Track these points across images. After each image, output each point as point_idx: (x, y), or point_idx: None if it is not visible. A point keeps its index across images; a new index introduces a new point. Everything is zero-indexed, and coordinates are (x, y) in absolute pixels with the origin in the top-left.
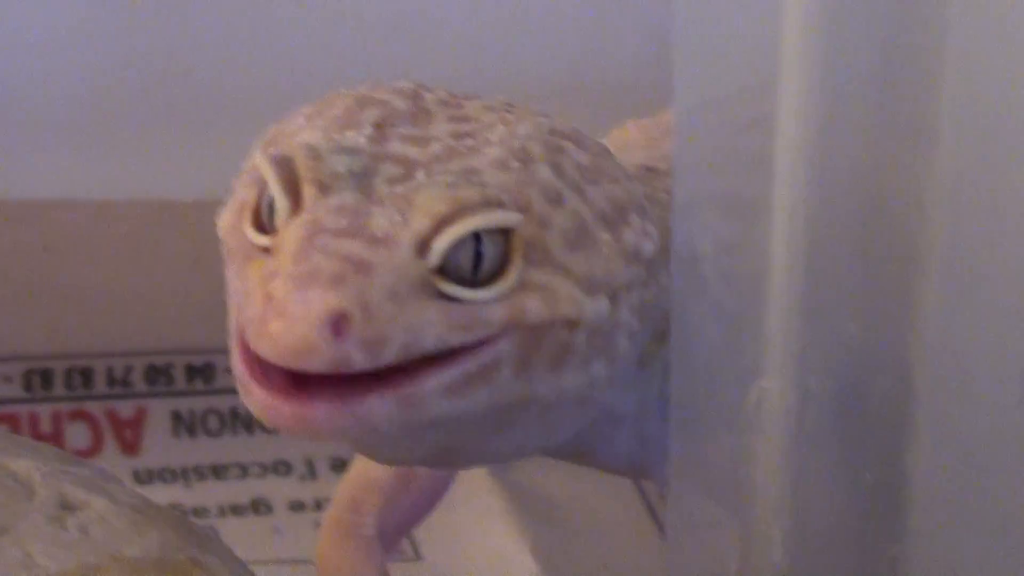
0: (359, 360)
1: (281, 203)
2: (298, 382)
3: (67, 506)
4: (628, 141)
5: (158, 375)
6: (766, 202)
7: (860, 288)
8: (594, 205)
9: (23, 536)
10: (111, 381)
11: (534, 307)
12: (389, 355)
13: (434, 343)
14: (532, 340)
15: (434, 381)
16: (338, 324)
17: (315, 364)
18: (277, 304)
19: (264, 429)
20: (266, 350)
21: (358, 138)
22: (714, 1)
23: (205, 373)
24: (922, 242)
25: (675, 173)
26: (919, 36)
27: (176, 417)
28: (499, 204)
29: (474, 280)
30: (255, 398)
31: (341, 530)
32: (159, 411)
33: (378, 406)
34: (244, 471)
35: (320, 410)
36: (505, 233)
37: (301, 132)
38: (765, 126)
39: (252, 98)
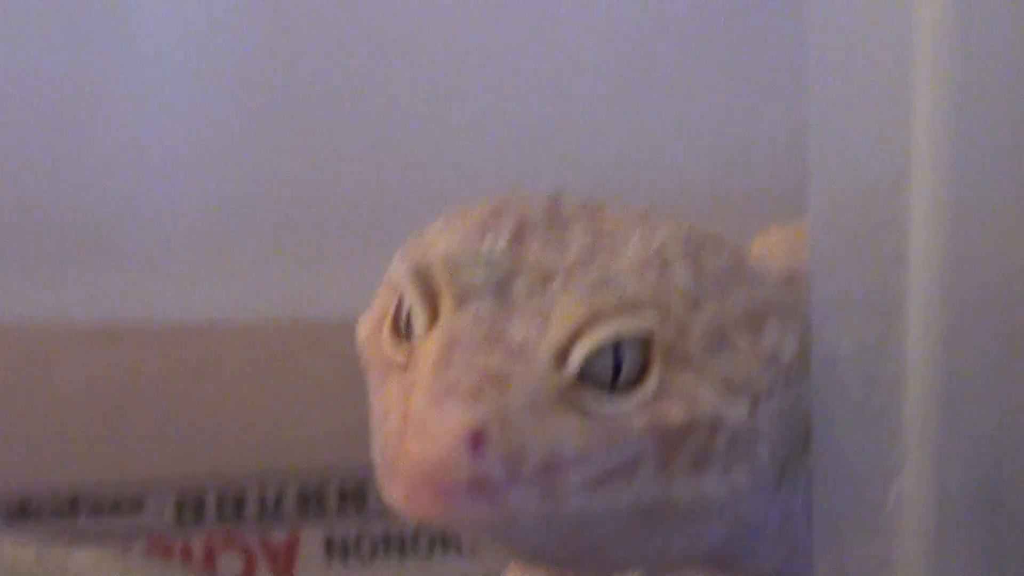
0: (499, 474)
1: (419, 314)
2: None
3: None
4: (771, 247)
5: (310, 500)
6: (900, 300)
7: (997, 384)
8: (733, 309)
9: None
10: (263, 507)
11: (675, 412)
12: (529, 468)
13: (574, 454)
14: (674, 443)
15: (576, 475)
16: (477, 440)
17: (455, 481)
18: (415, 421)
19: (417, 553)
20: (406, 468)
21: (496, 247)
22: (845, 101)
23: (357, 497)
24: None
25: (812, 274)
26: None
27: (329, 543)
28: (637, 310)
29: (613, 388)
30: (397, 487)
31: None
32: (312, 536)
33: (519, 497)
34: None
35: (461, 499)
36: (644, 339)
37: (439, 241)
38: (898, 224)
39: (392, 215)
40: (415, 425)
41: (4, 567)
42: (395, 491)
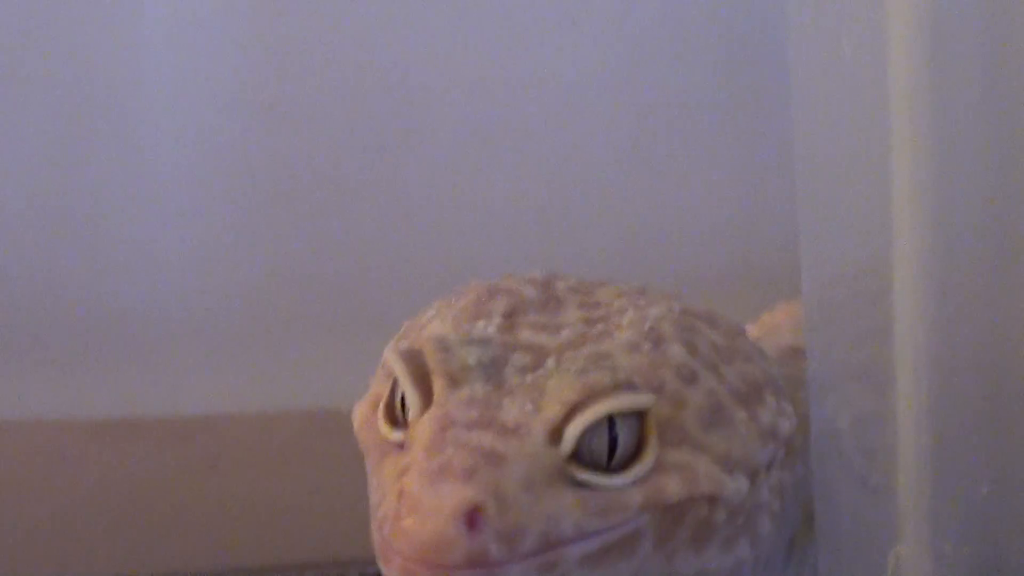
0: (496, 552)
1: (412, 397)
2: None
3: None
4: (776, 324)
5: None
6: (890, 369)
7: (989, 453)
8: (729, 384)
9: None
10: None
11: (673, 487)
12: (527, 545)
13: (572, 531)
14: (673, 518)
15: (574, 550)
16: (473, 517)
17: (452, 559)
18: (410, 500)
19: None
20: (402, 546)
21: (487, 328)
22: (831, 187)
23: None
24: None
25: (808, 349)
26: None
27: None
28: (630, 387)
29: (610, 465)
30: (395, 566)
31: None
32: None
33: (519, 573)
34: None
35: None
36: (640, 415)
37: (431, 324)
38: (883, 300)
39: (399, 304)
40: (410, 504)
41: None
42: (392, 570)
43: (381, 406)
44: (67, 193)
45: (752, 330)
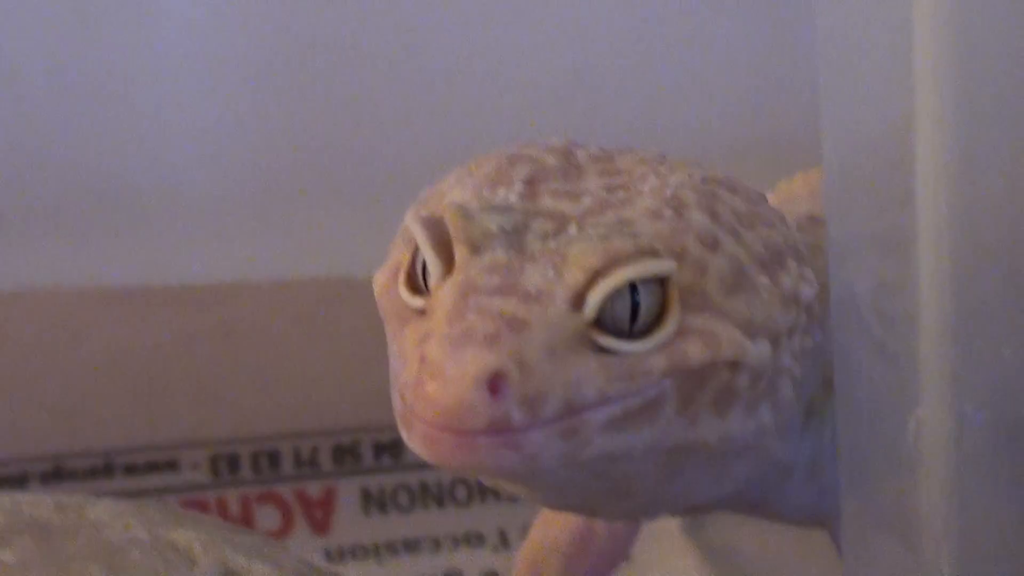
0: (519, 418)
1: (433, 264)
2: None
3: (230, 573)
4: (794, 192)
5: (345, 454)
6: (912, 236)
7: (1010, 313)
8: (751, 249)
9: None
10: (299, 462)
11: (695, 352)
12: (549, 411)
13: (595, 396)
14: (695, 382)
15: (597, 415)
16: (495, 383)
17: (474, 424)
18: (432, 366)
19: (455, 502)
20: (424, 412)
21: (509, 195)
22: (852, 51)
23: (393, 450)
24: None
25: (828, 216)
26: None
27: (366, 495)
28: (653, 253)
29: (632, 331)
30: (417, 432)
31: None
32: (348, 490)
33: (541, 439)
34: (437, 544)
35: (483, 443)
36: (661, 281)
37: (452, 192)
38: (904, 166)
39: (415, 171)
40: (432, 370)
41: (23, 517)
42: (414, 437)
43: (402, 273)
44: (78, 62)
45: (770, 199)
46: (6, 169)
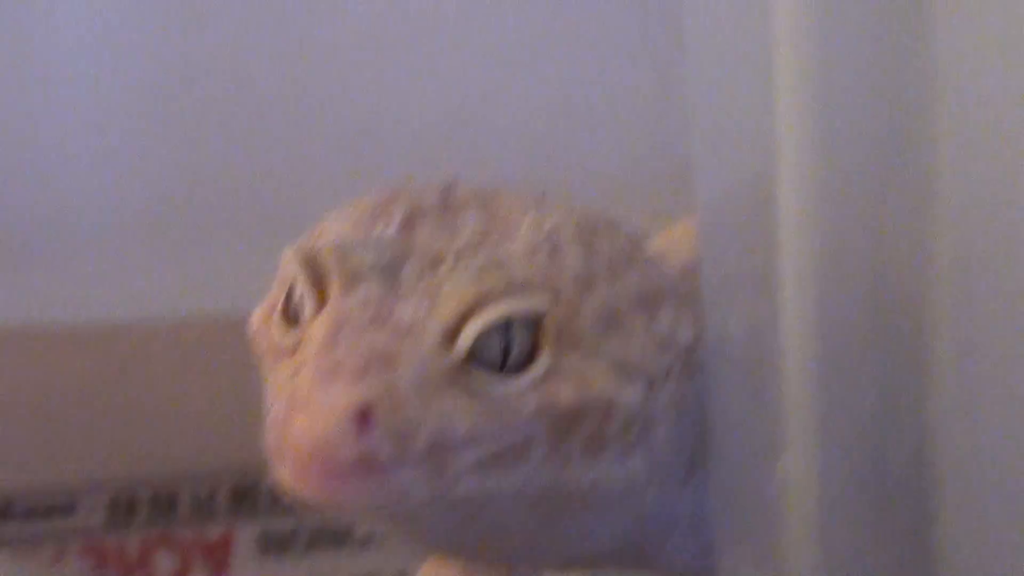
0: (387, 452)
1: (308, 298)
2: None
3: None
4: (675, 239)
5: (244, 496)
6: (776, 282)
7: (873, 358)
8: (627, 291)
9: None
10: (196, 505)
11: (565, 393)
12: (418, 447)
13: (464, 434)
14: (566, 424)
15: (466, 454)
16: (364, 417)
17: (341, 457)
18: (301, 399)
19: (353, 545)
20: (292, 447)
21: (385, 231)
22: (719, 97)
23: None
24: (932, 308)
25: (702, 259)
26: (910, 121)
27: (264, 537)
28: (526, 291)
29: (504, 369)
30: (286, 466)
31: None
32: (247, 532)
33: (410, 476)
34: None
35: (349, 478)
36: (535, 320)
37: (331, 227)
38: (769, 209)
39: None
40: (301, 404)
41: None
42: (283, 471)
43: (278, 309)
44: None
45: (651, 244)
46: None
